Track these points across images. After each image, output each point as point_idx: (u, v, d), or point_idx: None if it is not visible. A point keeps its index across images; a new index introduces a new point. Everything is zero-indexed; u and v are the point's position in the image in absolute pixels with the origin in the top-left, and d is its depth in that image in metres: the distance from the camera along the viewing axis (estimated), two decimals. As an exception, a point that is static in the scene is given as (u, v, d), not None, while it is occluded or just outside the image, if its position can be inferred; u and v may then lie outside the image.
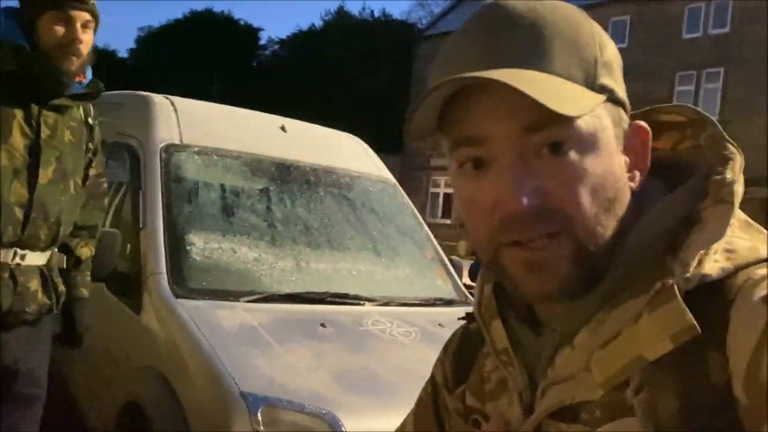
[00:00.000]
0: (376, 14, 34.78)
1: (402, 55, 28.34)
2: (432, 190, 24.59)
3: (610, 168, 0.60)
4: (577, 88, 0.58)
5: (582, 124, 0.58)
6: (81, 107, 2.14)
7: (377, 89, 29.57)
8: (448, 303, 3.07)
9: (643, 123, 0.65)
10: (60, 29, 1.93)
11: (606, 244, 0.60)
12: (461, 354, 0.79)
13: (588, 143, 0.59)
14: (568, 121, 0.56)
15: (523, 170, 0.58)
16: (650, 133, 0.64)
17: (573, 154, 0.58)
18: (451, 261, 3.44)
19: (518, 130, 0.57)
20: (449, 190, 23.73)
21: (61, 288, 2.09)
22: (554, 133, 0.57)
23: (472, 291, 3.72)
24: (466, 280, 4.69)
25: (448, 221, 22.38)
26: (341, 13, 34.41)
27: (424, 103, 0.59)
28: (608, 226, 0.60)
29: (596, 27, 0.62)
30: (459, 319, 0.80)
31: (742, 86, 17.66)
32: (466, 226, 0.64)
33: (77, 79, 2.03)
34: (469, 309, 0.78)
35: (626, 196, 0.62)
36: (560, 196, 0.58)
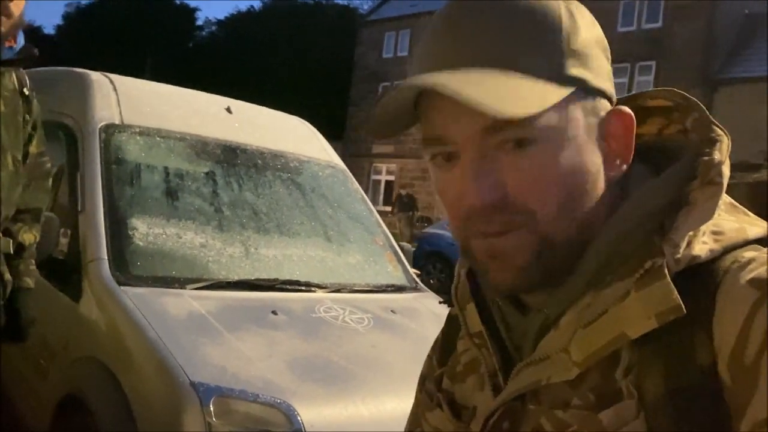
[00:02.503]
0: (318, -2, 34.40)
1: (343, 40, 28.09)
2: (374, 177, 24.54)
3: (578, 160, 0.59)
4: (537, 84, 0.57)
5: (545, 119, 0.57)
6: (14, 75, 1.93)
7: (318, 74, 29.29)
8: (399, 289, 3.05)
9: (625, 108, 0.63)
10: None
11: (573, 236, 0.60)
12: (446, 339, 0.80)
13: (553, 138, 0.58)
14: (527, 119, 0.55)
15: (483, 167, 0.58)
16: (633, 117, 0.63)
17: (537, 149, 0.58)
18: (401, 247, 3.42)
19: (478, 130, 0.57)
20: (391, 178, 23.78)
21: (8, 277, 1.90)
22: (515, 133, 0.57)
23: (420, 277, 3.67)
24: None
25: (389, 208, 22.44)
26: (281, -4, 33.83)
27: (385, 103, 0.59)
28: (575, 219, 0.60)
29: (569, 12, 0.60)
30: (440, 303, 0.82)
31: (673, 79, 18.33)
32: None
33: (7, 44, 1.83)
34: (421, 294, 0.79)
35: (599, 186, 0.61)
36: (521, 191, 0.58)
